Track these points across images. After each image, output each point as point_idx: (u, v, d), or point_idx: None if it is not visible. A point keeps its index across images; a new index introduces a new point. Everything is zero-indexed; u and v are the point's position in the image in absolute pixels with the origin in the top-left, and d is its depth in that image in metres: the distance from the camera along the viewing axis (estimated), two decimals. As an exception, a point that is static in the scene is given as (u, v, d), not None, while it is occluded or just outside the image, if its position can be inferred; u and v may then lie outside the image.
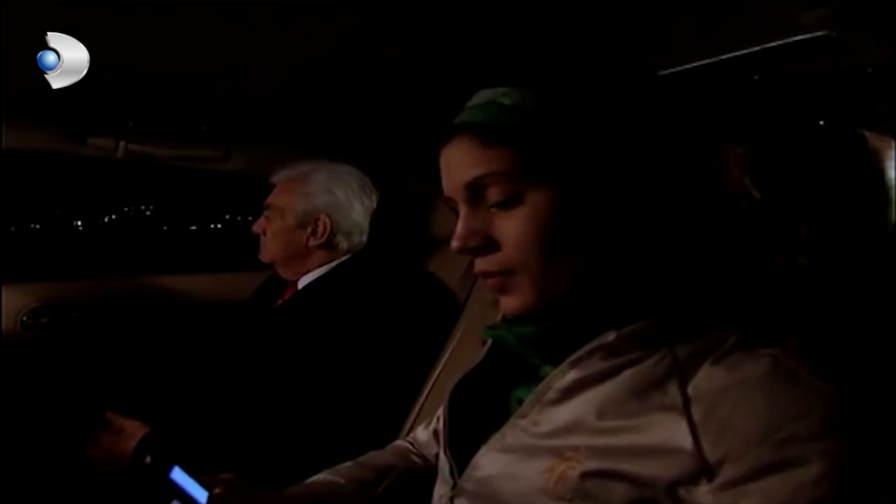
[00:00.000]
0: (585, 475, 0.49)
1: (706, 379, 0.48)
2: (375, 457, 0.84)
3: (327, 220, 1.31)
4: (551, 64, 0.55)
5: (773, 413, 0.44)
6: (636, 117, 0.53)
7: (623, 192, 0.52)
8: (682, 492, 0.46)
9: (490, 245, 0.56)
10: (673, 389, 0.48)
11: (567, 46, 0.57)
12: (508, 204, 0.54)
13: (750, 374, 0.46)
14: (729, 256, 0.55)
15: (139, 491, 1.05)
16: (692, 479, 0.45)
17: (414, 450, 0.86)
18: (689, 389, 0.48)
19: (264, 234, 1.36)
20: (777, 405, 0.44)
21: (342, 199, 1.33)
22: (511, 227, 0.54)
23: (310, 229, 1.32)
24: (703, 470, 0.45)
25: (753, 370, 0.46)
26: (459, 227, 0.57)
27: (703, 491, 0.45)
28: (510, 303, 0.57)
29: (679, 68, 0.97)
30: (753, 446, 0.43)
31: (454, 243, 0.57)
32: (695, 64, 0.96)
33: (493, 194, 0.54)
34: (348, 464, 0.81)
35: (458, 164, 0.56)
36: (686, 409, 0.47)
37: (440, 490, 0.64)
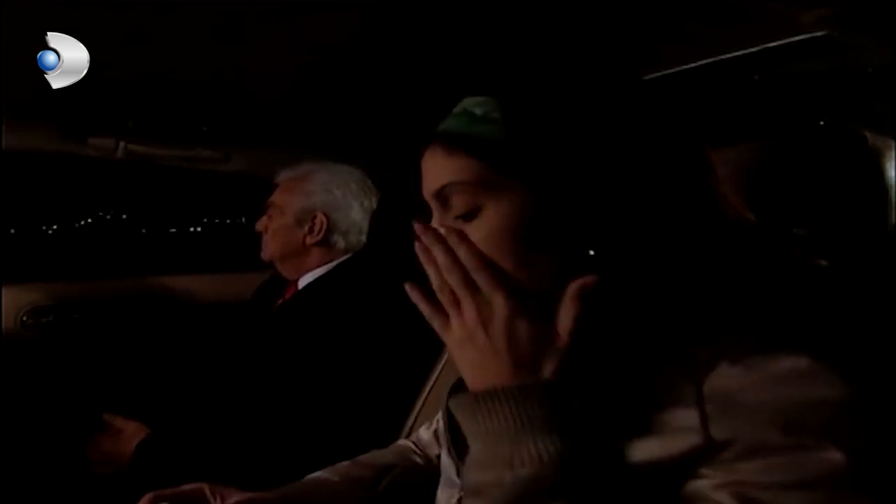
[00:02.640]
0: None
1: (721, 379, 0.47)
2: (376, 456, 0.84)
3: (324, 219, 1.32)
4: (520, 73, 0.54)
5: (784, 403, 0.44)
6: (605, 133, 0.51)
7: (585, 208, 0.50)
8: (688, 472, 0.46)
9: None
10: (689, 389, 0.48)
11: (543, 54, 0.55)
12: (468, 216, 0.53)
13: (766, 375, 0.46)
14: (727, 261, 0.54)
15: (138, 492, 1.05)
16: (699, 459, 0.46)
17: (416, 449, 0.86)
18: (705, 389, 0.47)
19: (266, 231, 1.37)
20: (790, 399, 0.44)
21: (340, 198, 1.33)
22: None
23: (307, 227, 1.32)
24: (710, 447, 0.45)
25: (769, 371, 0.46)
26: None
27: (708, 471, 0.45)
28: None
29: (679, 68, 0.97)
30: (762, 431, 0.44)
31: None
32: (695, 64, 0.96)
33: (456, 204, 0.54)
34: (346, 462, 0.81)
35: (429, 171, 0.56)
36: (699, 404, 0.47)
37: (446, 492, 0.64)
